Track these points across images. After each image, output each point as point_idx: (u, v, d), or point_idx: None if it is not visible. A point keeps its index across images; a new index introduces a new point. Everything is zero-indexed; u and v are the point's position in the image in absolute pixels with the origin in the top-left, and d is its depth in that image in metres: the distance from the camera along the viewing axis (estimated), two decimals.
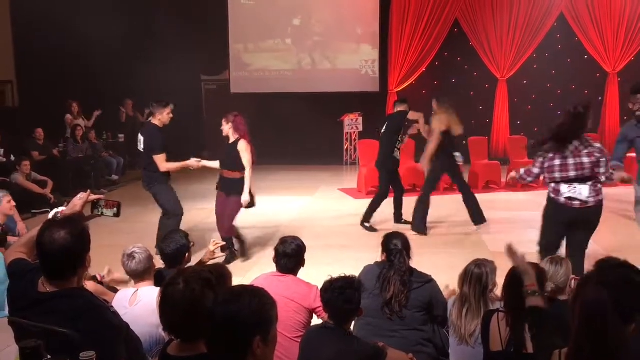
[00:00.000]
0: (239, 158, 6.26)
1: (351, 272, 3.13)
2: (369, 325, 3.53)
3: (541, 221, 5.03)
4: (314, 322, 3.56)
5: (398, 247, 3.63)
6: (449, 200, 9.03)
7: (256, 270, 5.72)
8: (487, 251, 6.35)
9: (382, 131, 7.93)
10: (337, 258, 6.37)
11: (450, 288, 3.93)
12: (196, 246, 4.40)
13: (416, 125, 8.08)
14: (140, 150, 6.48)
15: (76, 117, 11.49)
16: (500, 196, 9.95)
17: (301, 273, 3.82)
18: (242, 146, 6.26)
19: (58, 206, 3.93)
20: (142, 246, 3.50)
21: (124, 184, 11.46)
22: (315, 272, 3.99)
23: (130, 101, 12.96)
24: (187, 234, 3.88)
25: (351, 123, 13.48)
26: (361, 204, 8.56)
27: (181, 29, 12.61)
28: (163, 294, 2.20)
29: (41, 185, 9.13)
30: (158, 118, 6.37)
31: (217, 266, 3.16)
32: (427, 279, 3.67)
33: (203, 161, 6.51)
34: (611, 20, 12.89)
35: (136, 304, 3.27)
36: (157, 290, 2.84)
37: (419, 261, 3.78)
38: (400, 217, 8.02)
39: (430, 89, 13.23)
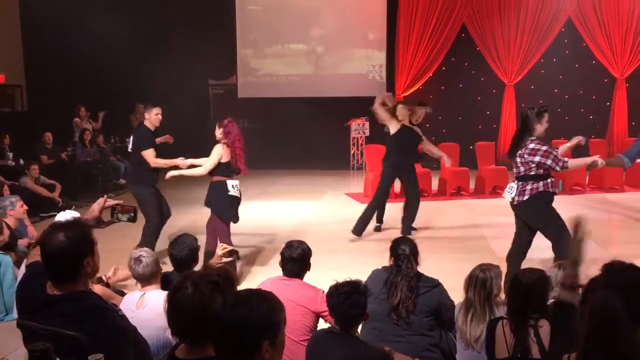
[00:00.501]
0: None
1: (357, 277, 3.11)
2: (375, 329, 3.52)
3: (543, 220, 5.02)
4: (320, 326, 3.56)
5: (406, 253, 3.62)
6: (456, 205, 9.00)
7: (262, 274, 5.72)
8: (494, 256, 6.31)
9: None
10: (343, 263, 6.35)
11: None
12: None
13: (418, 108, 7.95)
14: (129, 151, 6.55)
15: (84, 121, 11.56)
16: (507, 201, 9.87)
17: (307, 277, 3.82)
18: (217, 148, 5.88)
19: (66, 210, 3.97)
20: (149, 250, 3.52)
21: None
22: (321, 277, 3.98)
23: (141, 105, 13.00)
24: (197, 238, 3.89)
25: (358, 128, 13.49)
26: None
27: (189, 34, 12.69)
28: (171, 298, 2.18)
29: (49, 188, 9.19)
30: (147, 119, 6.41)
31: (224, 270, 3.16)
32: (435, 283, 3.66)
33: (190, 160, 6.32)
34: (619, 25, 12.85)
35: (143, 308, 3.29)
36: (164, 293, 2.85)
37: (425, 266, 3.77)
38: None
39: (437, 94, 13.23)
